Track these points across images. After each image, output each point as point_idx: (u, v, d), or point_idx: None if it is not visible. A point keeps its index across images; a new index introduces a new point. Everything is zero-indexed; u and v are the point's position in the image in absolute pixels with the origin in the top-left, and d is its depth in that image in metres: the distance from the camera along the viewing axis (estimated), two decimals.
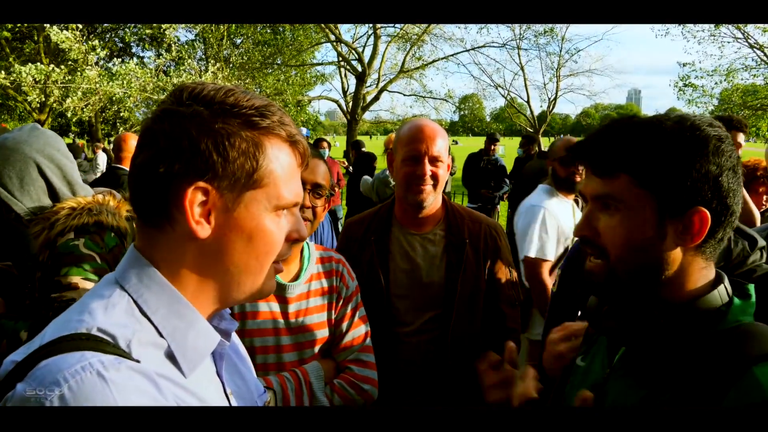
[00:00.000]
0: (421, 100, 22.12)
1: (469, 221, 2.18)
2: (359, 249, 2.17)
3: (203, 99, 0.84)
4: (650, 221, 0.98)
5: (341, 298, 1.84)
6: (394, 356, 2.11)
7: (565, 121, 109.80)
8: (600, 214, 1.03)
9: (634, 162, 0.98)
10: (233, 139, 0.82)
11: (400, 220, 2.19)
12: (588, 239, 1.04)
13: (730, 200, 0.97)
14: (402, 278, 2.12)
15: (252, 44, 20.79)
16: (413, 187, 2.04)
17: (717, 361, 0.92)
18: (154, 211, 0.83)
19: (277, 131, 0.87)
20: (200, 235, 0.82)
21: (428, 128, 2.06)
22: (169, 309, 0.84)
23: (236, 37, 21.39)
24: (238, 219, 0.85)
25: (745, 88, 19.40)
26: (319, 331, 1.78)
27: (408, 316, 2.12)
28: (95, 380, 0.68)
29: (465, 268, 2.10)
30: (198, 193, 0.81)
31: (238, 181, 0.83)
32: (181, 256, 0.85)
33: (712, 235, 0.98)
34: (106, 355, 0.72)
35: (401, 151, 2.07)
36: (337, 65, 21.60)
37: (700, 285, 1.01)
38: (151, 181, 0.82)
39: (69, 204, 2.00)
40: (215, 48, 19.99)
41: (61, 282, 1.90)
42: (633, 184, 0.98)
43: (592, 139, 1.04)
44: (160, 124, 0.82)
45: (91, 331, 0.76)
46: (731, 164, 0.97)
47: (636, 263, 1.00)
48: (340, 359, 1.82)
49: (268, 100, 0.89)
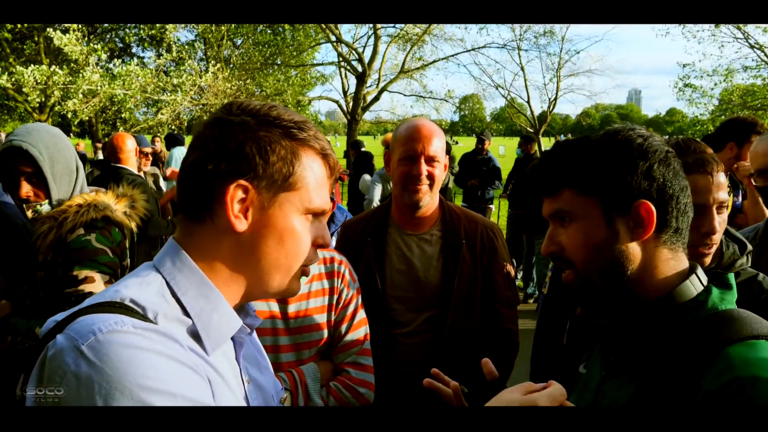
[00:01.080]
0: (421, 100, 22.11)
1: (465, 221, 2.17)
2: (356, 250, 2.17)
3: (250, 111, 0.96)
4: (600, 223, 1.05)
5: (342, 300, 1.84)
6: (390, 357, 2.11)
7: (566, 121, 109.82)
8: (559, 229, 1.11)
9: (570, 175, 1.07)
10: (274, 145, 0.94)
11: (397, 220, 2.19)
12: (556, 255, 1.11)
13: (670, 189, 1.03)
14: (398, 279, 2.12)
15: (252, 44, 20.81)
16: (409, 186, 2.04)
17: (694, 347, 0.96)
18: (198, 206, 0.94)
19: (311, 143, 0.98)
20: (238, 228, 0.92)
21: (425, 128, 2.05)
22: (198, 291, 0.92)
23: (236, 37, 21.42)
24: (272, 217, 0.94)
25: (745, 89, 19.39)
26: (318, 332, 1.78)
27: (404, 317, 2.12)
28: (126, 331, 0.77)
29: (461, 268, 2.10)
30: (239, 190, 0.91)
31: (275, 182, 0.94)
32: (218, 247, 0.94)
33: (665, 224, 1.04)
34: (136, 319, 0.81)
35: (398, 150, 2.07)
36: (338, 65, 21.60)
37: (670, 276, 1.06)
38: (199, 178, 0.93)
39: (75, 201, 2.05)
40: (215, 48, 20.01)
41: (77, 277, 1.93)
42: (575, 194, 1.07)
43: (533, 170, 1.15)
44: (212, 130, 0.94)
45: (124, 301, 0.85)
46: (660, 157, 1.04)
47: (600, 265, 1.05)
48: (338, 361, 1.81)
49: (305, 117, 1.01)
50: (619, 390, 1.07)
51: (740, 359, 0.90)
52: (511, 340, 2.19)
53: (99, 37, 21.52)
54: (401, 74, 20.67)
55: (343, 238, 2.28)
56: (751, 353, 0.91)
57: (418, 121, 2.12)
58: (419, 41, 20.23)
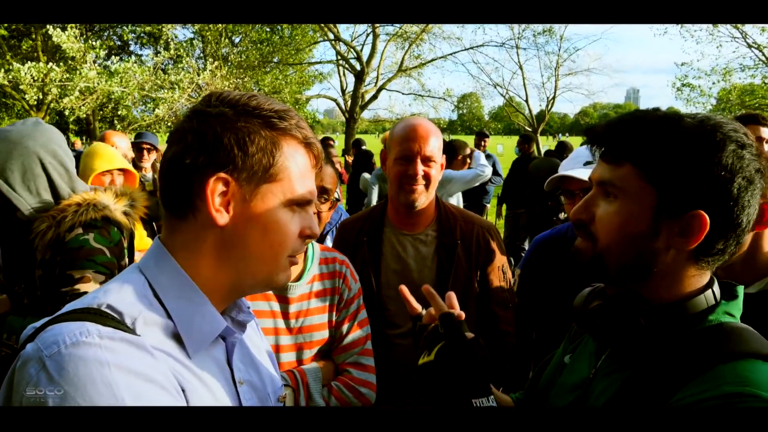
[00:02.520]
0: (419, 98, 22.10)
1: (462, 222, 2.16)
2: (352, 250, 2.17)
3: (229, 102, 0.94)
4: (647, 215, 0.95)
5: (343, 300, 1.83)
6: (385, 358, 2.10)
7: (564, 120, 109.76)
8: (600, 200, 1.01)
9: (640, 153, 0.95)
10: (253, 136, 0.92)
11: (393, 220, 2.18)
12: (583, 223, 1.02)
13: (738, 211, 0.91)
14: (393, 279, 2.11)
15: (250, 42, 20.76)
16: (405, 186, 2.03)
17: (686, 357, 0.91)
18: (179, 202, 0.92)
19: (293, 133, 0.96)
20: (219, 222, 0.91)
21: (421, 128, 2.04)
22: (179, 292, 0.91)
23: (234, 35, 21.37)
24: (255, 209, 0.93)
25: (743, 88, 19.42)
26: (319, 332, 1.78)
27: (399, 318, 2.11)
28: (89, 343, 0.76)
29: (456, 269, 2.09)
30: (219, 183, 0.90)
31: (255, 174, 0.92)
32: (201, 243, 0.93)
33: (710, 244, 0.94)
34: (105, 327, 0.79)
35: (394, 150, 2.06)
36: (336, 64, 21.58)
37: (686, 289, 0.98)
38: (178, 173, 0.91)
39: (75, 200, 2.03)
40: (213, 46, 19.96)
41: (73, 276, 1.93)
42: (636, 175, 0.95)
43: (607, 126, 1.02)
44: (190, 123, 0.92)
45: (101, 307, 0.84)
46: (747, 174, 0.91)
47: (624, 256, 0.97)
48: (339, 361, 1.81)
49: (287, 106, 0.99)
50: (608, 392, 1.02)
51: (732, 376, 0.85)
52: (506, 341, 2.17)
53: (97, 34, 21.45)
54: (399, 73, 20.66)
55: (339, 237, 2.28)
56: (746, 372, 0.85)
57: (415, 120, 2.11)
58: (417, 40, 20.22)
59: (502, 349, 2.17)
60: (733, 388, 0.83)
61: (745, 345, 0.90)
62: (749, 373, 0.85)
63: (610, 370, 1.05)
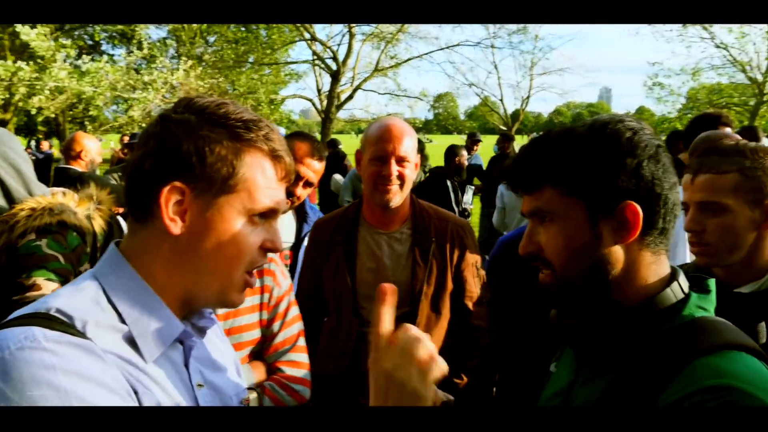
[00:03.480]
0: (395, 98, 22.12)
1: (436, 220, 2.19)
2: (327, 249, 2.17)
3: (196, 109, 0.92)
4: (584, 225, 0.98)
5: (273, 298, 1.79)
6: (360, 357, 2.11)
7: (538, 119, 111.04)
8: (538, 228, 1.04)
9: (553, 173, 1.00)
10: (214, 145, 0.90)
11: (368, 219, 2.19)
12: (534, 255, 1.05)
13: (658, 188, 0.97)
14: (368, 277, 2.12)
15: (225, 42, 20.53)
16: (380, 186, 2.04)
17: (665, 356, 0.93)
18: (139, 207, 0.91)
19: (259, 144, 0.94)
20: (172, 231, 0.89)
21: (396, 128, 2.05)
22: (134, 297, 0.90)
23: (209, 35, 21.12)
24: (211, 220, 0.90)
25: (711, 87, 19.91)
26: (249, 332, 1.74)
27: None
28: (34, 347, 0.75)
29: (431, 266, 2.11)
30: (175, 192, 0.88)
31: (213, 184, 0.90)
32: (155, 250, 0.91)
33: (650, 226, 0.98)
34: (52, 331, 0.78)
35: (369, 150, 2.07)
36: (312, 64, 21.48)
37: (651, 282, 1.01)
38: (138, 178, 0.90)
39: (29, 204, 1.94)
40: (188, 46, 19.71)
41: (24, 284, 1.84)
42: (558, 193, 0.99)
43: (514, 162, 1.07)
44: (155, 128, 0.92)
45: (49, 311, 0.82)
46: (650, 153, 0.97)
47: (581, 269, 1.00)
48: (271, 360, 1.78)
49: (258, 116, 0.97)
50: (589, 398, 1.03)
51: (709, 370, 0.86)
52: (479, 336, 2.21)
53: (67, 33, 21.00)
54: (375, 72, 20.65)
55: (313, 237, 2.28)
56: (722, 363, 0.87)
57: (389, 120, 2.12)
58: (393, 39, 20.23)
59: (475, 344, 2.21)
60: (712, 381, 0.84)
61: (719, 337, 0.93)
62: (726, 365, 0.87)
63: (590, 376, 1.06)
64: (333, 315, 2.18)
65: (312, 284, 2.24)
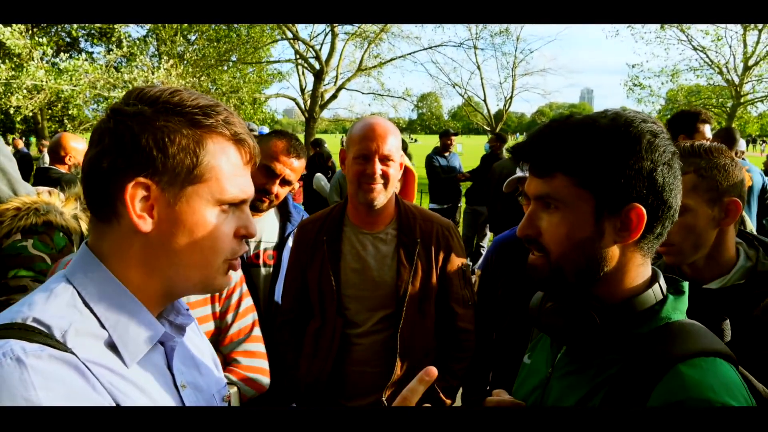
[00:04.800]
0: (379, 98, 22.12)
1: (421, 220, 2.18)
2: (312, 249, 2.16)
3: (148, 99, 0.88)
4: (589, 219, 0.99)
5: (224, 290, 1.79)
6: (344, 358, 2.11)
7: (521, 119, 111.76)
8: (541, 213, 1.04)
9: (569, 162, 0.99)
10: (173, 135, 0.86)
11: (353, 219, 2.18)
12: (531, 238, 1.05)
13: (666, 195, 0.98)
14: (353, 278, 2.11)
15: (206, 41, 20.36)
16: (363, 185, 2.03)
17: (645, 360, 0.95)
18: (102, 207, 0.87)
19: (219, 130, 0.90)
20: (143, 229, 0.86)
21: (380, 127, 2.04)
22: (112, 301, 0.87)
23: (190, 33, 20.91)
24: (180, 213, 0.87)
25: (690, 89, 20.24)
26: (203, 325, 1.75)
27: (359, 317, 2.11)
28: (14, 365, 0.71)
29: (416, 267, 2.10)
30: (139, 188, 0.85)
31: (178, 176, 0.87)
32: (127, 249, 0.88)
33: (650, 230, 0.99)
34: (31, 343, 0.75)
35: (352, 149, 2.06)
36: (295, 63, 21.38)
37: (636, 283, 1.03)
38: (97, 177, 0.86)
39: (13, 204, 1.92)
40: (169, 44, 19.49)
41: (8, 284, 1.83)
42: (570, 183, 0.99)
43: (530, 141, 1.06)
44: (107, 123, 0.87)
45: (26, 321, 0.78)
46: (666, 159, 0.98)
47: (578, 260, 1.00)
48: (226, 352, 1.79)
49: (215, 101, 0.93)
50: (567, 390, 1.05)
51: (691, 380, 0.89)
52: (465, 338, 2.20)
53: (44, 30, 20.65)
54: (359, 72, 20.62)
55: (298, 237, 2.26)
56: (701, 375, 0.89)
57: (373, 119, 2.11)
58: (376, 39, 20.23)
59: (460, 346, 2.20)
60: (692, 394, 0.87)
61: (696, 343, 0.95)
62: (703, 376, 0.90)
63: (568, 370, 1.08)
64: (318, 316, 2.16)
65: (297, 285, 2.22)
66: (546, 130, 1.04)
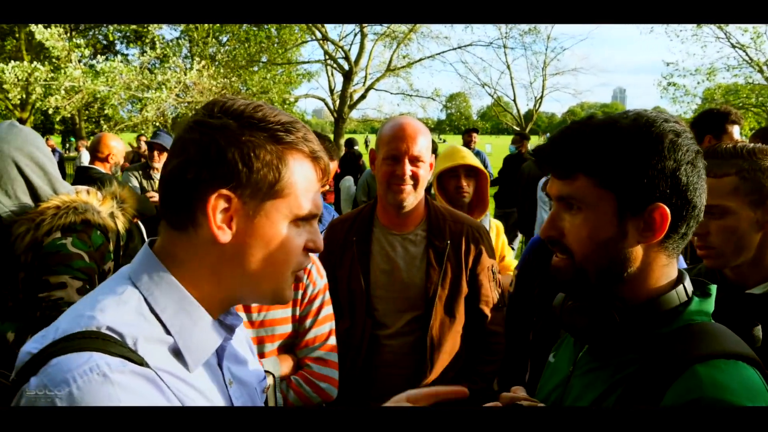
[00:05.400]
0: (408, 98, 22.09)
1: (451, 222, 2.16)
2: (341, 250, 2.17)
3: (233, 113, 0.90)
4: (611, 220, 0.99)
5: (307, 295, 1.83)
6: (373, 359, 2.11)
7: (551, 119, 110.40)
8: (564, 214, 1.04)
9: (591, 163, 0.99)
10: (258, 150, 0.88)
11: (382, 220, 2.18)
12: (554, 239, 1.05)
13: (691, 194, 0.98)
14: (382, 279, 2.11)
15: (237, 42, 20.64)
16: (393, 186, 2.03)
17: (664, 359, 0.94)
18: (180, 215, 0.89)
19: (300, 147, 0.93)
20: (221, 239, 0.88)
21: (410, 127, 2.03)
22: (177, 307, 0.89)
23: (222, 34, 21.24)
24: (258, 226, 0.90)
25: (727, 87, 19.66)
26: (281, 326, 1.79)
27: (388, 318, 2.11)
28: (101, 380, 0.74)
29: (445, 269, 2.09)
30: (221, 200, 0.87)
31: (260, 190, 0.89)
32: (202, 258, 0.90)
33: (674, 230, 0.99)
34: (113, 357, 0.78)
35: (382, 149, 2.06)
36: (324, 63, 21.52)
37: (660, 284, 1.02)
38: (179, 187, 0.88)
39: (54, 203, 1.99)
40: (200, 45, 19.82)
41: (49, 281, 1.89)
42: (592, 184, 0.99)
43: (551, 143, 1.06)
44: (192, 134, 0.89)
45: (101, 329, 0.81)
46: (689, 158, 0.97)
47: (601, 261, 1.00)
48: (301, 356, 1.81)
49: (293, 118, 0.95)
50: (586, 389, 1.06)
51: (708, 380, 0.88)
52: (495, 341, 2.18)
53: (82, 33, 21.24)
54: (388, 72, 20.64)
55: (328, 237, 2.27)
56: (719, 375, 0.89)
57: (403, 119, 2.10)
58: (405, 39, 20.21)
59: (489, 349, 2.18)
60: (708, 393, 0.86)
61: (717, 345, 0.94)
62: (721, 376, 0.89)
63: (589, 368, 1.08)
64: (347, 316, 2.17)
65: None
66: (566, 132, 1.04)
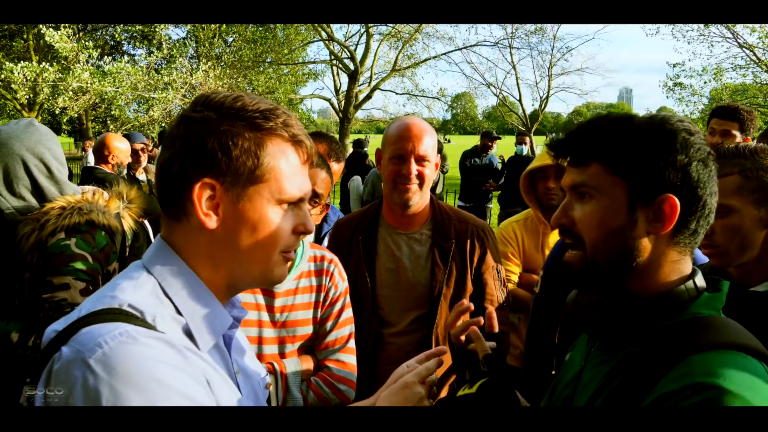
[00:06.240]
0: (413, 98, 22.12)
1: (456, 221, 2.17)
2: (347, 248, 2.17)
3: (213, 105, 0.95)
4: (622, 208, 1.01)
5: (329, 298, 1.86)
6: (378, 357, 2.12)
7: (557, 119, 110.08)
8: (575, 203, 1.07)
9: (605, 150, 1.02)
10: (237, 138, 0.93)
11: (387, 219, 2.19)
12: (565, 228, 1.08)
13: (701, 191, 1.00)
14: (387, 278, 2.12)
15: (243, 42, 20.71)
16: (399, 186, 2.04)
17: (664, 349, 0.95)
18: (173, 205, 0.95)
19: (279, 132, 0.97)
20: (208, 225, 0.93)
21: (416, 127, 2.04)
22: (189, 291, 0.95)
23: (228, 35, 21.31)
24: (243, 211, 0.95)
25: (735, 88, 19.53)
26: (303, 327, 1.80)
27: (393, 317, 2.12)
28: (131, 342, 0.79)
29: (450, 268, 2.09)
30: (206, 188, 0.92)
31: (241, 176, 0.94)
32: (196, 245, 0.96)
33: (684, 225, 1.01)
34: (138, 327, 0.83)
35: (388, 149, 2.06)
36: (329, 64, 21.55)
37: (671, 279, 1.04)
38: (169, 179, 0.94)
39: (59, 203, 1.99)
40: (207, 46, 19.90)
41: (52, 282, 1.89)
42: (605, 171, 1.02)
43: (569, 133, 1.09)
44: (178, 129, 0.95)
45: (123, 306, 0.86)
46: (701, 156, 1.00)
47: (611, 250, 1.02)
48: (320, 357, 1.84)
49: (274, 105, 0.99)
50: (589, 383, 1.07)
51: (702, 367, 0.89)
52: (501, 340, 2.19)
53: (89, 34, 21.34)
54: (393, 72, 20.66)
55: (334, 236, 2.28)
56: (714, 362, 0.89)
57: (409, 119, 2.11)
58: (411, 39, 20.22)
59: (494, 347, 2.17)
60: (701, 378, 0.87)
61: (721, 336, 0.95)
62: (719, 363, 0.89)
63: (598, 361, 1.10)
64: (352, 315, 2.18)
65: None
66: (585, 125, 1.08)
